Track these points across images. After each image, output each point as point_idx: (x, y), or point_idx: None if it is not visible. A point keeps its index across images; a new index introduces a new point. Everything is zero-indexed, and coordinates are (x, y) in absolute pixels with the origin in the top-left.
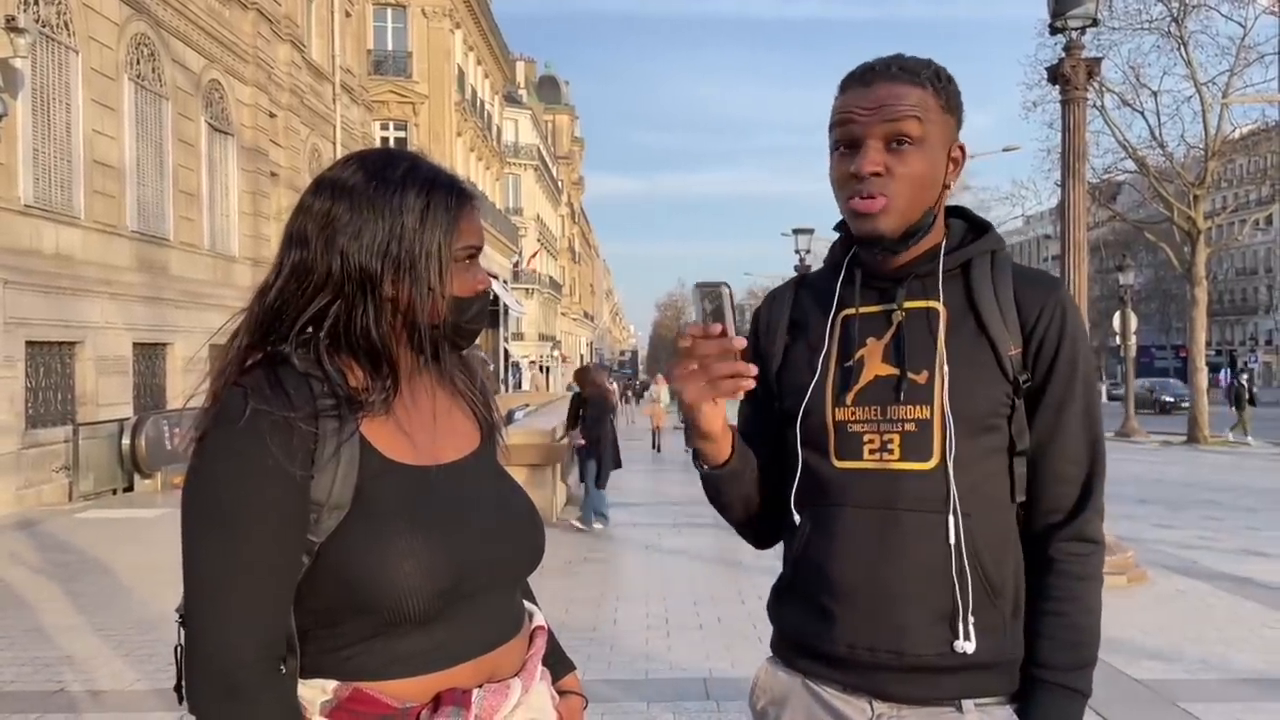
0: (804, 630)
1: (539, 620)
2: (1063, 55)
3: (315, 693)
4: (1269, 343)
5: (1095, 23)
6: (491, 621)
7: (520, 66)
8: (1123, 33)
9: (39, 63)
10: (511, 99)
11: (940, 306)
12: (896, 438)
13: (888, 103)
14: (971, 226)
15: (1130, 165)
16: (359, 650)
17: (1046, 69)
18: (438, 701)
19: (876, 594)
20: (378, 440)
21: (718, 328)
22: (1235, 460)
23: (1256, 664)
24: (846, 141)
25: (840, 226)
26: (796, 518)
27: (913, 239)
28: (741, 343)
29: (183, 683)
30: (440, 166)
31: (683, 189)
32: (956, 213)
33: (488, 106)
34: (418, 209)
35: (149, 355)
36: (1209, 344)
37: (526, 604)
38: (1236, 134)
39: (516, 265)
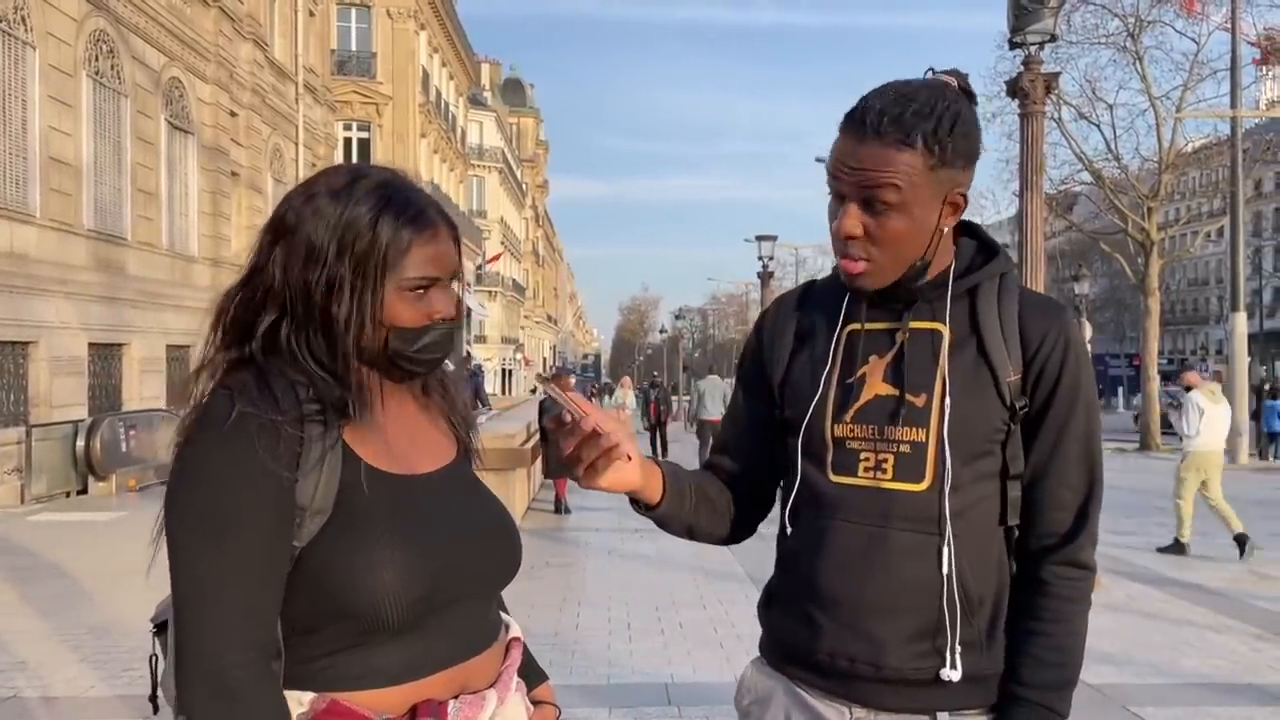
0: (790, 635)
1: (515, 632)
2: (1021, 70)
3: (292, 704)
4: (1219, 352)
5: (1054, 38)
6: (466, 632)
7: (485, 69)
8: (1080, 47)
9: None
10: (476, 101)
11: (945, 329)
12: (891, 458)
13: (869, 167)
14: (981, 247)
15: (1087, 177)
16: (336, 660)
17: (1006, 83)
18: (414, 713)
19: (859, 607)
20: (360, 448)
21: (565, 416)
22: None
23: (1203, 668)
24: (834, 193)
25: None
26: (789, 527)
27: (910, 280)
28: (590, 423)
29: (157, 692)
30: (410, 188)
31: (647, 193)
32: (967, 229)
33: (452, 108)
34: (363, 232)
35: (105, 356)
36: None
37: (504, 615)
38: (1190, 147)
39: (479, 267)
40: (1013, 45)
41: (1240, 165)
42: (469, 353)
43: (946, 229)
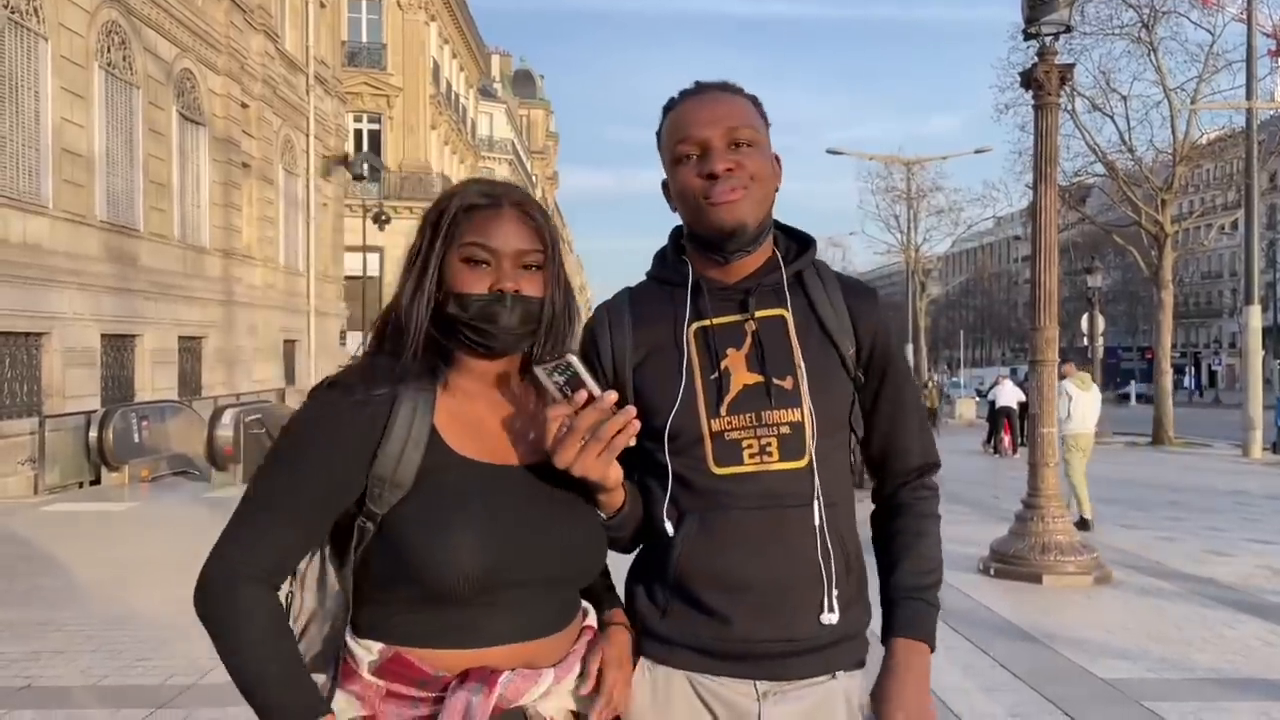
0: (691, 630)
1: (590, 620)
2: (1036, 61)
3: (364, 652)
4: (1232, 345)
5: (1069, 29)
6: (529, 614)
7: (495, 60)
8: (1094, 38)
9: (7, 49)
10: (486, 93)
11: (788, 314)
12: (774, 441)
13: (729, 114)
14: (794, 236)
15: (1100, 169)
16: (406, 618)
17: (1020, 74)
18: (464, 676)
19: (769, 587)
20: (448, 434)
21: (582, 395)
22: (1198, 462)
23: (1217, 663)
24: (691, 151)
25: (674, 238)
26: (669, 526)
27: (760, 239)
28: (613, 396)
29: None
30: (499, 181)
31: (656, 186)
32: (779, 227)
33: (462, 100)
34: (440, 204)
35: (117, 347)
36: (1175, 346)
37: (584, 603)
38: (1205, 139)
39: None
40: (1027, 36)
41: (1255, 157)
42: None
43: (778, 187)
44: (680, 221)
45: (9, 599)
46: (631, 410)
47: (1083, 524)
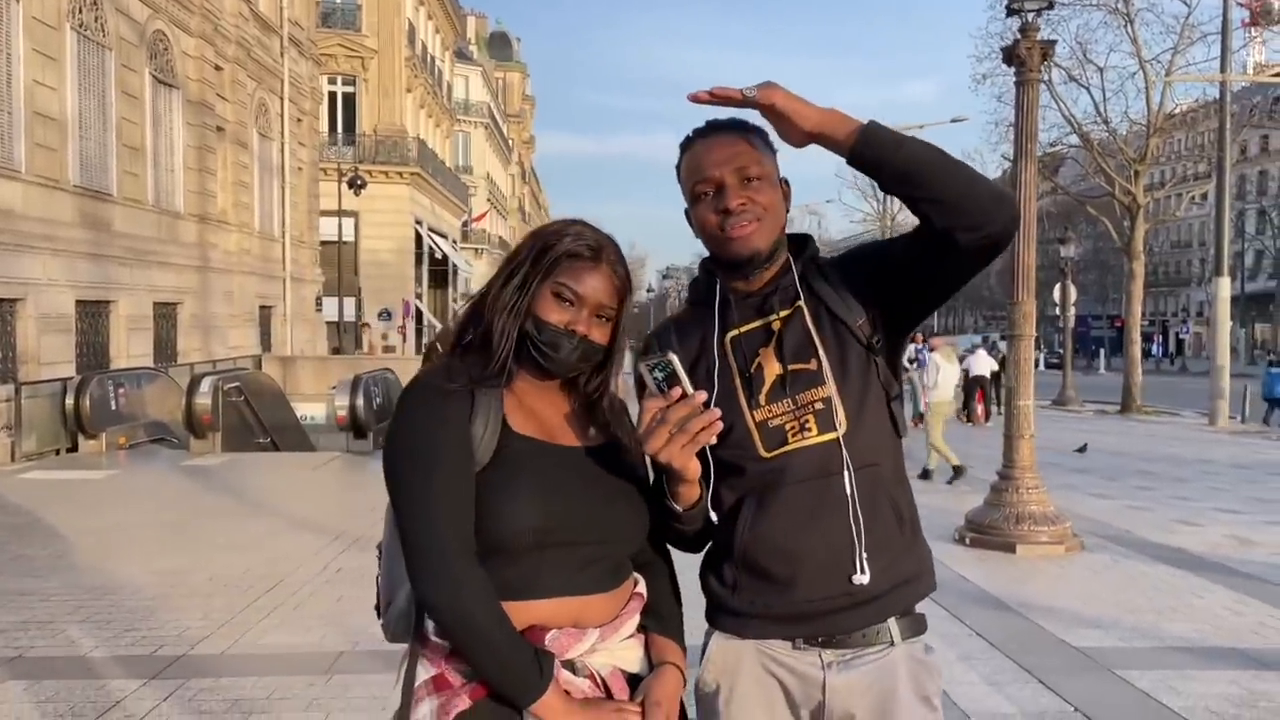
0: (759, 595)
1: (640, 589)
2: (1018, 37)
3: None
4: (1200, 314)
5: (1051, 5)
6: (577, 574)
7: (471, 22)
8: (1072, 9)
9: None
10: (462, 55)
11: (805, 307)
12: (811, 417)
13: (737, 153)
14: (797, 240)
15: (1075, 140)
16: None
17: (1002, 49)
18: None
19: (828, 548)
20: (513, 419)
21: (677, 391)
22: (1166, 430)
23: (1187, 632)
24: (705, 190)
25: (704, 267)
26: (713, 514)
27: (775, 256)
28: (703, 395)
29: (380, 603)
30: (605, 236)
31: (634, 150)
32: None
33: (438, 62)
34: (550, 239)
35: (92, 313)
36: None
37: (636, 575)
38: (1179, 109)
39: (465, 224)
40: (1010, 11)
41: (1228, 131)
42: (455, 310)
43: (787, 209)
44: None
45: None
46: (717, 411)
47: (957, 472)
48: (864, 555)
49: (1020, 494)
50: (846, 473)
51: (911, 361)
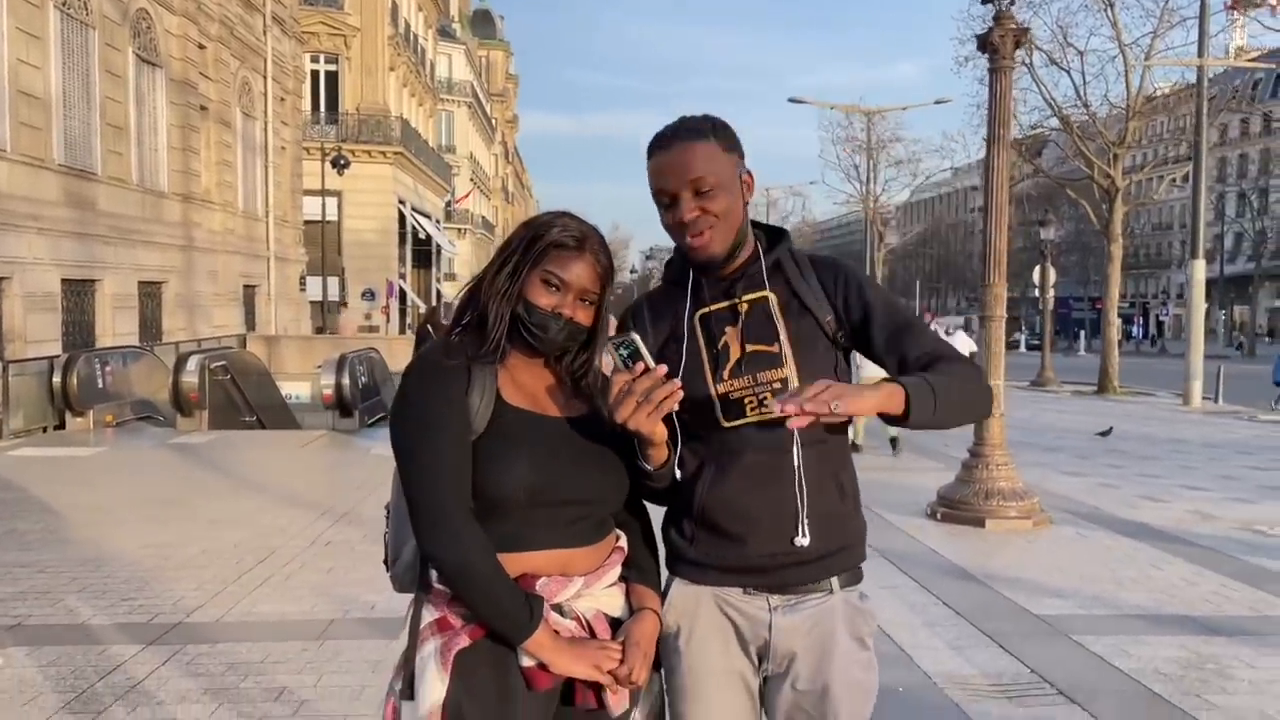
0: (714, 549)
1: (621, 543)
2: (992, 25)
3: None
4: (1180, 296)
5: None
6: (564, 529)
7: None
8: None
9: None
10: (445, 33)
11: (770, 294)
12: (769, 395)
13: (689, 163)
14: (769, 231)
15: (1056, 123)
16: None
17: (976, 37)
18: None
19: (776, 513)
20: (506, 392)
21: (640, 366)
22: (1141, 410)
23: (1144, 601)
24: (665, 201)
25: (678, 249)
26: (678, 473)
27: (738, 251)
28: (664, 369)
29: (389, 557)
30: (590, 227)
31: (617, 130)
32: (754, 225)
33: (421, 40)
34: (540, 230)
35: (78, 292)
36: (1124, 296)
37: (618, 531)
38: (1160, 92)
39: (449, 204)
40: (984, 0)
41: (1205, 114)
42: (439, 291)
43: (749, 200)
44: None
45: None
46: (677, 381)
47: (854, 449)
48: (806, 521)
49: (990, 470)
50: (796, 448)
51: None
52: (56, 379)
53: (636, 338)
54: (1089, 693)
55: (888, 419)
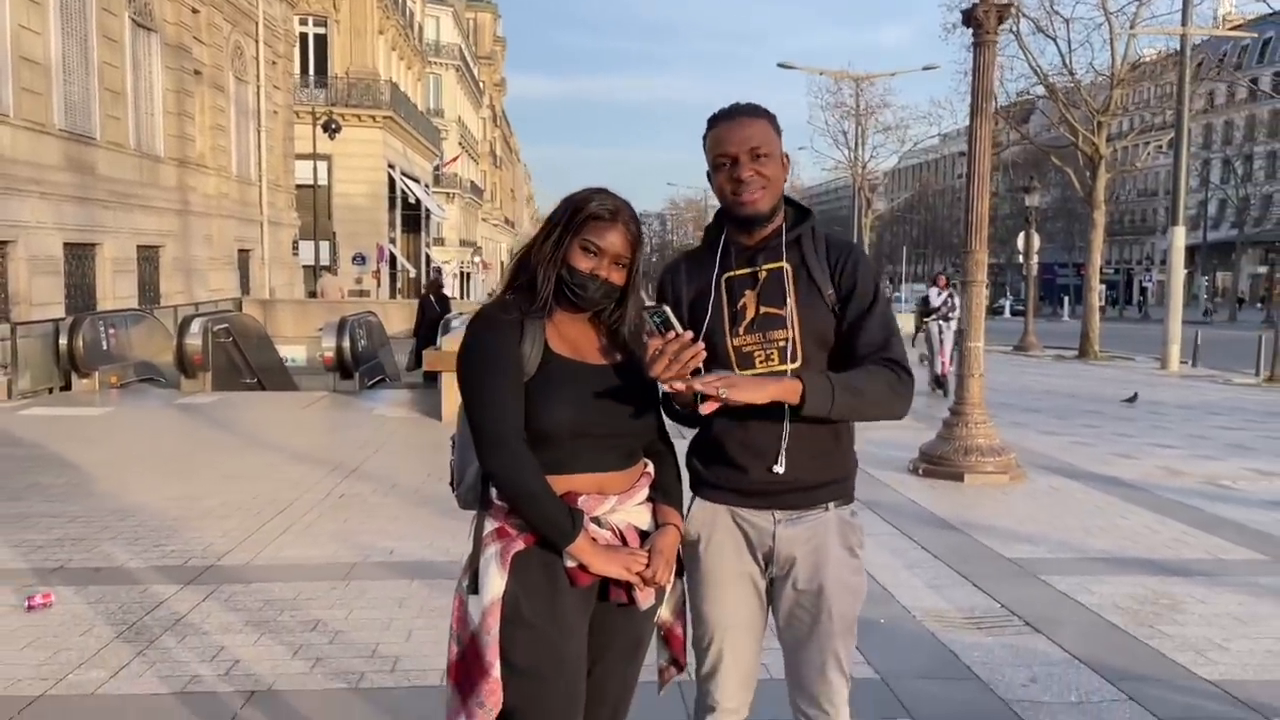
0: (728, 476)
1: (649, 469)
2: (976, 0)
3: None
4: (1164, 262)
5: None
6: (605, 456)
7: None
8: None
9: None
10: None
11: (786, 265)
12: (776, 351)
13: (751, 133)
14: (797, 210)
15: (1042, 90)
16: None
17: (961, 12)
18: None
19: (769, 448)
20: (553, 343)
21: (673, 334)
22: (1120, 374)
23: (1108, 546)
24: (722, 161)
25: (717, 216)
26: (702, 410)
27: (773, 217)
28: (690, 335)
29: (454, 479)
30: (622, 201)
31: (605, 93)
32: (786, 201)
33: (409, 2)
34: (579, 205)
35: (79, 256)
36: (1109, 262)
37: (645, 458)
38: (1147, 57)
39: (437, 168)
40: None
41: (1187, 83)
42: (428, 255)
43: (785, 179)
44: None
45: (12, 495)
46: (701, 345)
47: None
48: (784, 455)
49: (969, 428)
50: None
51: (931, 313)
52: (63, 341)
53: (667, 309)
54: (1052, 623)
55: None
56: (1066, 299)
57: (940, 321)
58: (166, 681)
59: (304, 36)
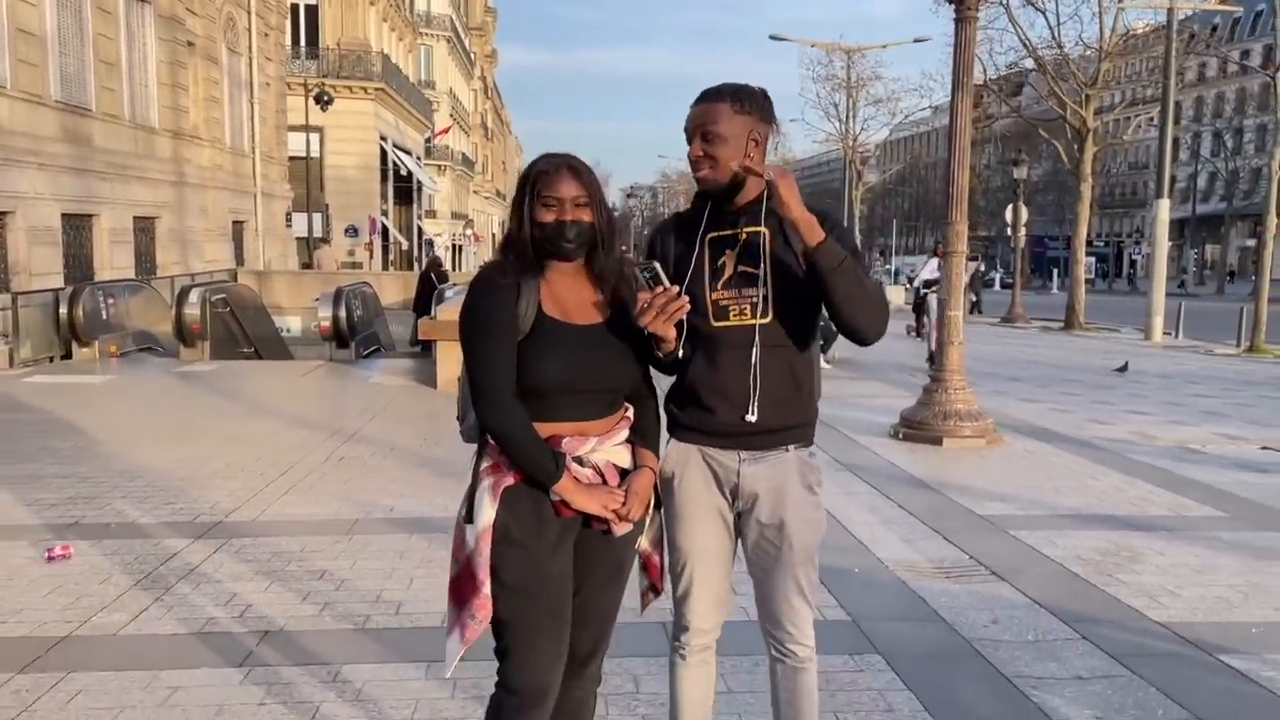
0: (699, 418)
1: (629, 414)
2: None
3: None
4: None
5: None
6: (588, 407)
7: None
8: None
9: None
10: None
11: (764, 229)
12: (749, 306)
13: (706, 114)
14: None
15: (1032, 63)
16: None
17: None
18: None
19: (741, 395)
20: (545, 303)
21: (660, 288)
22: (1103, 345)
23: (1077, 504)
24: (688, 138)
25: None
26: (680, 353)
27: (738, 190)
28: (676, 289)
29: (460, 414)
30: (560, 154)
31: (597, 65)
32: None
33: None
34: (528, 174)
35: (77, 226)
36: (1099, 235)
37: (626, 403)
38: (1140, 28)
39: (429, 140)
40: None
41: (1173, 57)
42: (420, 227)
43: (753, 154)
44: None
45: (23, 457)
46: (686, 299)
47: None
48: (755, 403)
49: (948, 394)
50: (756, 348)
51: (934, 284)
52: (63, 310)
53: (656, 265)
54: (1017, 573)
55: (801, 236)
56: (1056, 271)
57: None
58: (185, 623)
59: (295, 8)
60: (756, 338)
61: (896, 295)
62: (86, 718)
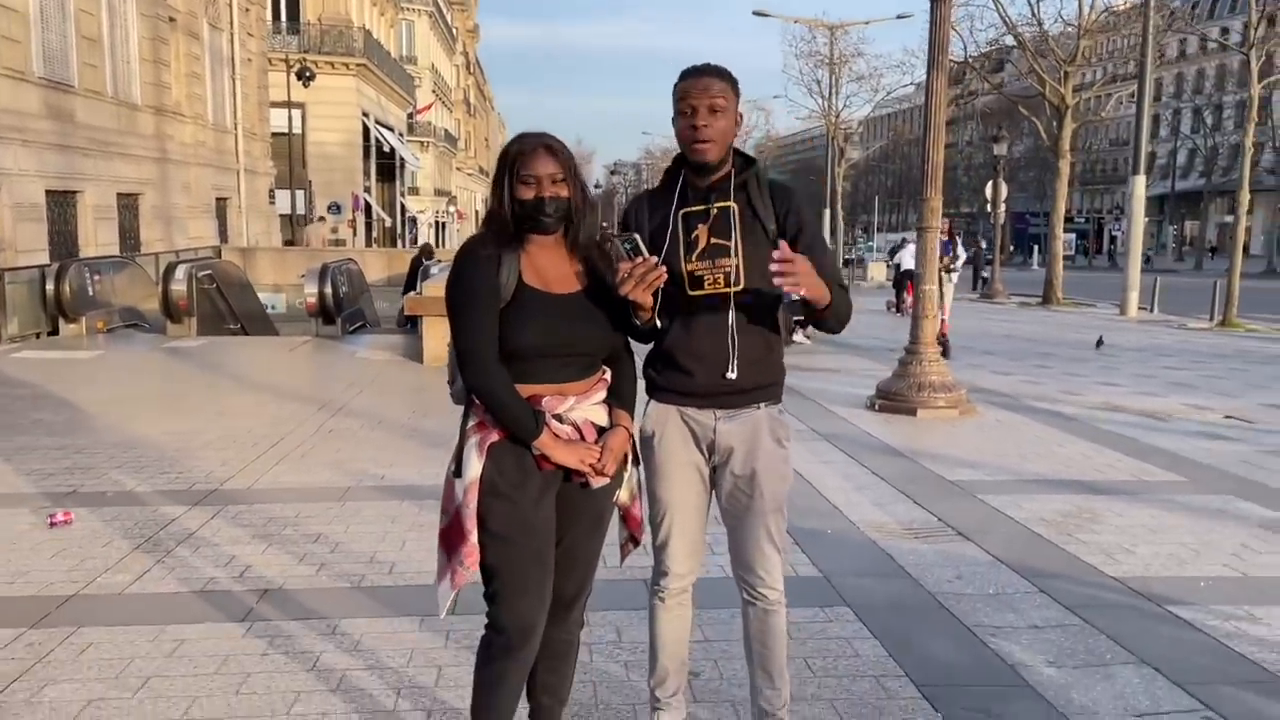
0: (677, 379)
1: (606, 376)
2: None
3: None
4: None
5: None
6: (567, 371)
7: None
8: None
9: None
10: None
11: (733, 205)
12: (722, 276)
13: (711, 88)
14: (744, 159)
15: (1012, 40)
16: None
17: None
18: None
19: (718, 357)
20: (525, 274)
21: (640, 258)
22: (1079, 320)
23: (1043, 471)
24: (685, 110)
25: (676, 160)
26: (659, 322)
27: (723, 164)
28: (655, 260)
29: (450, 379)
30: (536, 133)
31: (580, 40)
32: (735, 151)
33: None
34: (506, 154)
35: (61, 203)
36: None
37: (604, 366)
38: (1122, 4)
39: (411, 116)
40: None
41: (1151, 35)
42: (403, 205)
43: (736, 134)
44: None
45: (20, 430)
46: (664, 269)
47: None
48: (735, 362)
49: (923, 366)
50: (731, 312)
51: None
52: (50, 286)
53: (637, 236)
54: (981, 533)
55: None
56: (1036, 248)
57: (941, 274)
58: (186, 583)
59: None
60: (731, 304)
61: (879, 271)
62: (99, 666)
